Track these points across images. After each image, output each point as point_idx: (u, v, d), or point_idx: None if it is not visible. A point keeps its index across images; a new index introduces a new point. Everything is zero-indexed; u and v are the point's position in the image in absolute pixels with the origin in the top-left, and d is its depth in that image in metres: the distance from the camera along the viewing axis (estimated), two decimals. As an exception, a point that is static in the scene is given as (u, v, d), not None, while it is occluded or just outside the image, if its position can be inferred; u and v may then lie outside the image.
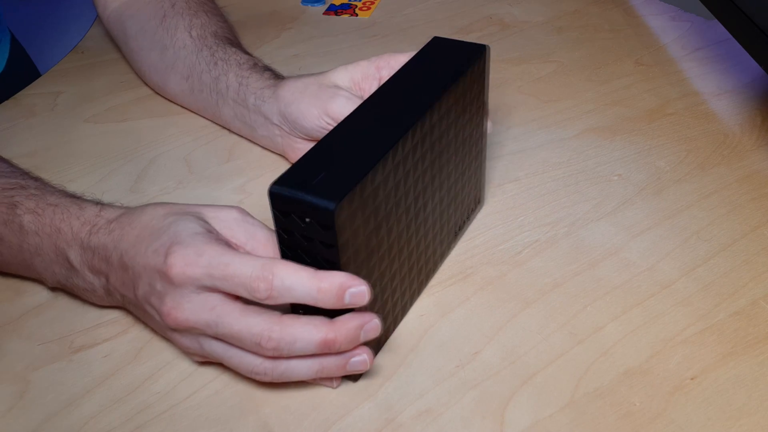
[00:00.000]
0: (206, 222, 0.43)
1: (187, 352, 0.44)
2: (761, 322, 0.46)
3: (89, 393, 0.44)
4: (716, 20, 0.72)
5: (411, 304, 0.48)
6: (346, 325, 0.39)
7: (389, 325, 0.46)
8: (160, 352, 0.46)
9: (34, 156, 0.64)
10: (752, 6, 0.59)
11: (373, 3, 0.90)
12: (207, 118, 0.67)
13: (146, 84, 0.73)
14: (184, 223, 0.42)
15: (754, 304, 0.48)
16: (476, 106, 0.49)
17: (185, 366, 0.45)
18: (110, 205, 0.47)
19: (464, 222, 0.53)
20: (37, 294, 0.51)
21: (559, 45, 0.79)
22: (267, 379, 0.41)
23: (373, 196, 0.39)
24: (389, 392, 0.43)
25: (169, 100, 0.71)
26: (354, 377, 0.44)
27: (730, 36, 0.77)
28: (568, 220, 0.55)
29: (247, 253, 0.42)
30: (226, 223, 0.44)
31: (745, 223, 0.54)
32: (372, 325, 0.40)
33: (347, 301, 0.39)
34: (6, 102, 0.73)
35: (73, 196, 0.48)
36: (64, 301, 0.50)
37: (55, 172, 0.62)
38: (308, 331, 0.39)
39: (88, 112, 0.71)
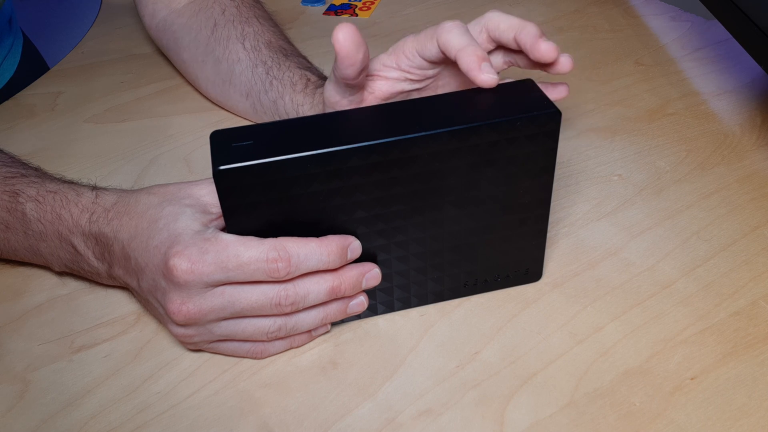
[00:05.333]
0: (200, 204, 0.44)
1: (184, 341, 0.45)
2: (761, 322, 0.46)
3: (89, 393, 0.44)
4: (716, 20, 0.71)
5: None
6: (348, 273, 0.43)
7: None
8: (160, 352, 0.46)
9: (34, 156, 0.64)
10: (752, 6, 0.59)
11: (373, 3, 0.90)
12: None
13: (204, 96, 0.71)
14: (183, 221, 0.42)
15: (754, 304, 0.48)
16: (533, 171, 0.44)
17: (185, 366, 0.45)
18: (105, 190, 0.48)
19: (494, 280, 0.49)
20: (37, 294, 0.51)
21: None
22: (282, 333, 0.44)
23: (288, 184, 0.40)
24: (389, 392, 0.43)
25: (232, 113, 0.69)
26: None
27: (730, 36, 0.77)
28: (568, 220, 0.55)
29: None
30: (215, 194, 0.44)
31: (745, 223, 0.54)
32: (373, 273, 0.44)
33: (349, 256, 0.43)
34: (6, 102, 0.73)
35: (71, 182, 0.49)
36: (64, 301, 0.50)
37: (55, 173, 0.62)
38: (317, 282, 0.43)
39: (88, 112, 0.71)
